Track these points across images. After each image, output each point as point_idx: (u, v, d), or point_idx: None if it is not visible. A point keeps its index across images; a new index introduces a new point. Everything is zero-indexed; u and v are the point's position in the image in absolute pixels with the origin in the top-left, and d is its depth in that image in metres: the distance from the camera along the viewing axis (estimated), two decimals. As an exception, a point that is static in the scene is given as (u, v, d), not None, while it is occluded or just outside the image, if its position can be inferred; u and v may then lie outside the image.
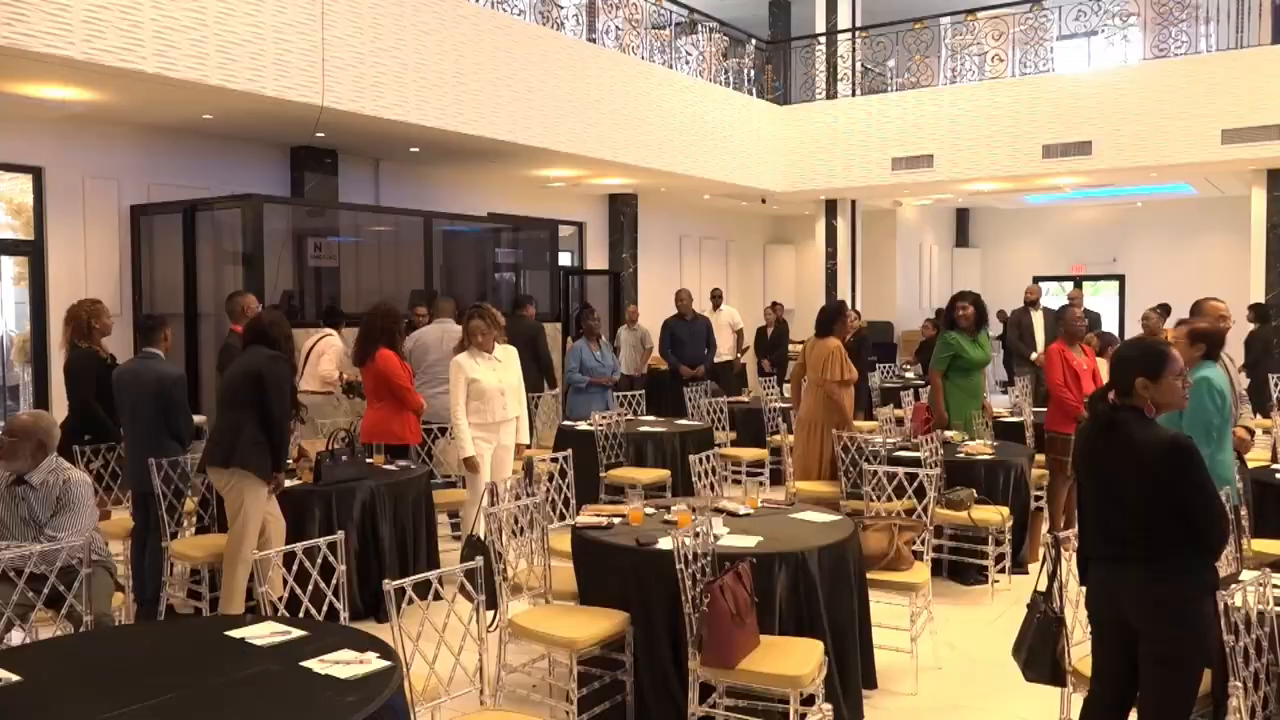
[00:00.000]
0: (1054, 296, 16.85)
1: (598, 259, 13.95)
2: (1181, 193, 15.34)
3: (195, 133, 8.93)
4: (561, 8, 10.86)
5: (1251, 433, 5.40)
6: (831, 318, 7.35)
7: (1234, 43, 11.75)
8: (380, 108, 8.25)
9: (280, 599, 3.73)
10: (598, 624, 3.93)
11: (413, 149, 9.91)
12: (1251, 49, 11.23)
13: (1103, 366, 6.59)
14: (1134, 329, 13.01)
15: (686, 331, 10.88)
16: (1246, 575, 3.26)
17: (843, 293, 14.03)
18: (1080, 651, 3.43)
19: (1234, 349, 5.68)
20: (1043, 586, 3.49)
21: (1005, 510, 5.97)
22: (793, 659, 3.59)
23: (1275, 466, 6.01)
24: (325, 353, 7.43)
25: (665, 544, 3.93)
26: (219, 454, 4.92)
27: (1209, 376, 4.35)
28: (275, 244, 8.54)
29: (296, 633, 3.01)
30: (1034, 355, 9.98)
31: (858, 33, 13.78)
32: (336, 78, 7.87)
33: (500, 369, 6.08)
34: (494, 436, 6.04)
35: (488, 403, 5.99)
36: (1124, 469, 3.08)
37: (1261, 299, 11.42)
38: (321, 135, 9.01)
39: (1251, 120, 10.71)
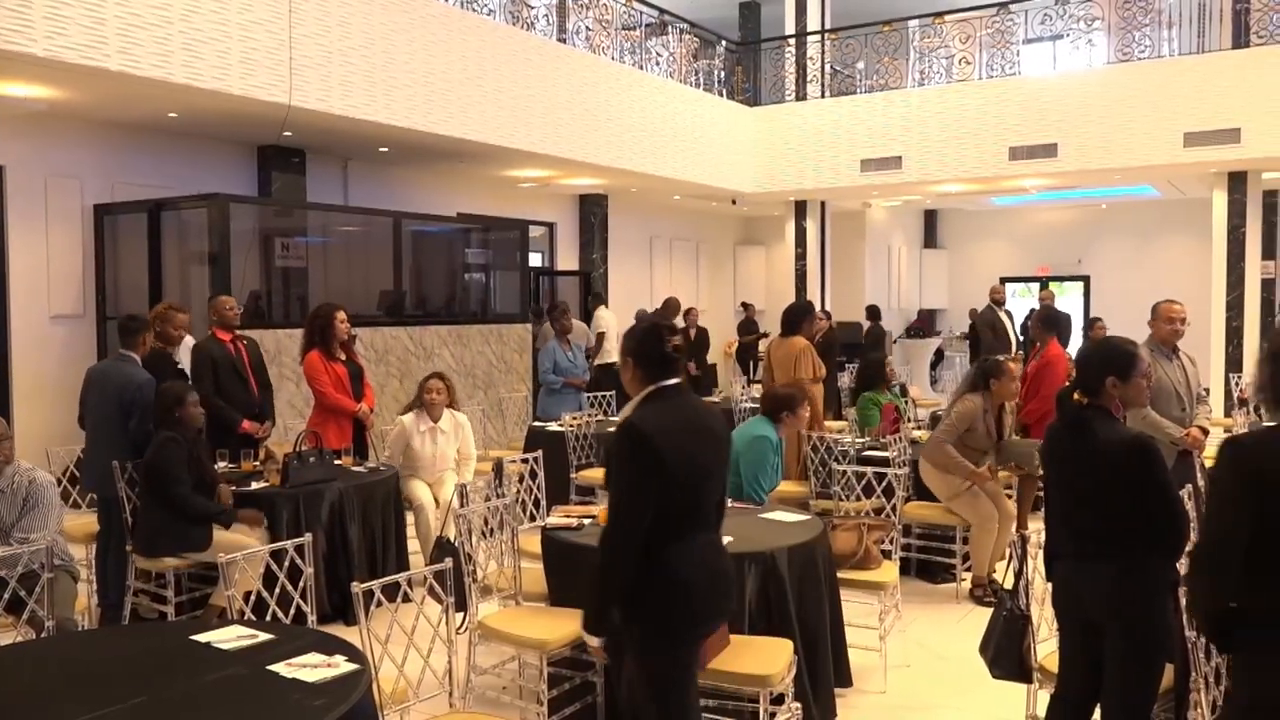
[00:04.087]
0: (1020, 298, 17.03)
1: (568, 259, 13.93)
2: (1145, 195, 15.55)
3: (160, 131, 8.82)
4: (532, 8, 10.83)
5: (1206, 432, 5.49)
6: (798, 317, 7.37)
7: (1196, 48, 11.93)
8: (349, 107, 8.19)
9: (249, 594, 3.69)
10: (568, 625, 3.92)
11: (382, 149, 9.85)
12: (1213, 54, 11.41)
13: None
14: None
15: None
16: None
17: (812, 293, 14.08)
18: (1046, 648, 3.47)
19: (1190, 348, 5.75)
20: (1009, 584, 3.54)
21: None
22: (762, 658, 3.60)
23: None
24: None
25: (635, 544, 3.92)
26: (157, 546, 5.00)
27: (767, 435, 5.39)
28: (242, 244, 8.46)
29: (263, 636, 2.98)
30: (1008, 357, 10.05)
31: (827, 35, 13.86)
32: (304, 76, 7.80)
33: (441, 440, 6.30)
34: (429, 479, 6.30)
35: (420, 464, 6.24)
36: (1091, 467, 3.12)
37: (1223, 299, 11.60)
38: (289, 134, 8.94)
39: (1213, 124, 10.88)
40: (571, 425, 7.53)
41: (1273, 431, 2.43)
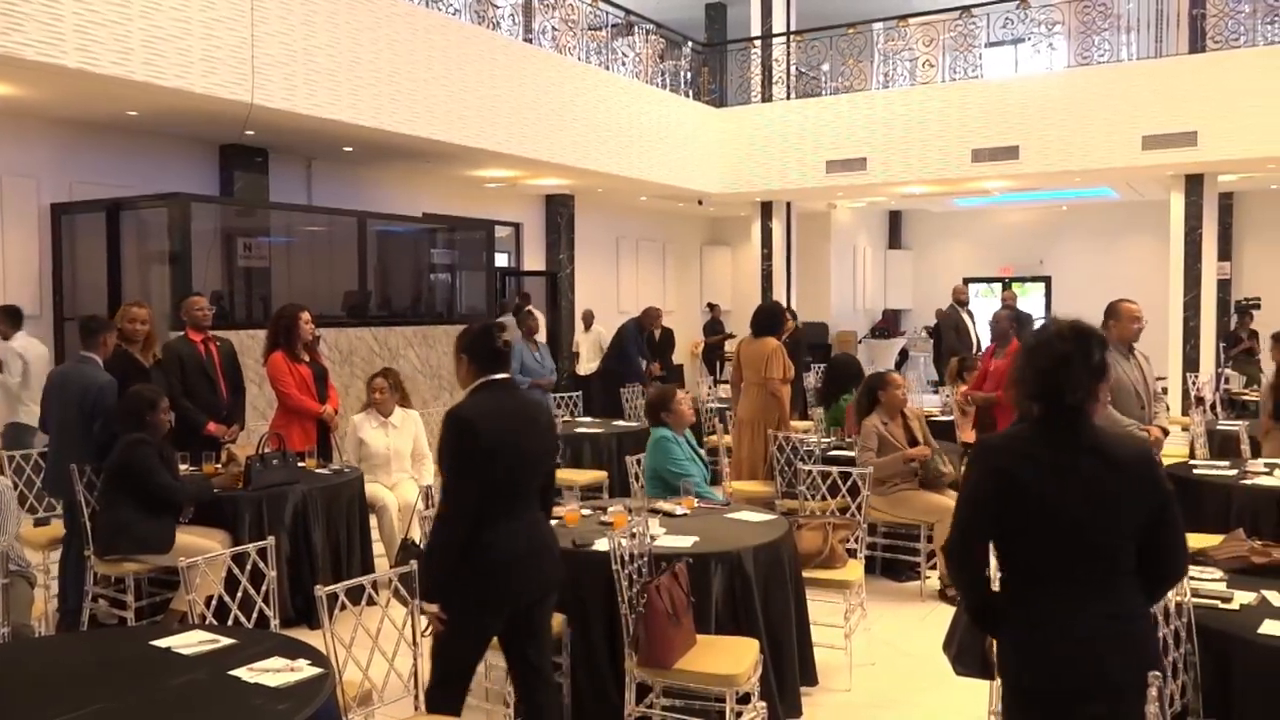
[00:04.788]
0: (983, 298, 17.22)
1: (535, 260, 13.90)
2: (1104, 197, 15.76)
3: (119, 129, 8.70)
4: (497, 7, 10.80)
5: (1166, 432, 5.58)
6: (774, 321, 7.41)
7: (1153, 52, 12.12)
8: (313, 106, 8.12)
9: (210, 598, 3.65)
10: (534, 626, 3.91)
11: (346, 148, 9.78)
12: (1170, 58, 11.60)
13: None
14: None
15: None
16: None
17: (778, 294, 14.15)
18: (1008, 645, 3.50)
19: (1148, 347, 5.83)
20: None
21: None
22: (728, 658, 3.62)
23: (1192, 462, 6.22)
24: None
25: (601, 545, 3.93)
26: (115, 548, 4.92)
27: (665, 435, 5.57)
28: (204, 244, 8.36)
29: (225, 641, 2.95)
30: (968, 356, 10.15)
31: (792, 36, 13.92)
32: (267, 74, 7.73)
33: (394, 434, 6.30)
34: (387, 484, 6.27)
35: (376, 462, 6.22)
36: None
37: (1180, 300, 11.79)
38: (251, 133, 8.84)
39: (1170, 127, 11.06)
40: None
41: (1020, 431, 2.52)
